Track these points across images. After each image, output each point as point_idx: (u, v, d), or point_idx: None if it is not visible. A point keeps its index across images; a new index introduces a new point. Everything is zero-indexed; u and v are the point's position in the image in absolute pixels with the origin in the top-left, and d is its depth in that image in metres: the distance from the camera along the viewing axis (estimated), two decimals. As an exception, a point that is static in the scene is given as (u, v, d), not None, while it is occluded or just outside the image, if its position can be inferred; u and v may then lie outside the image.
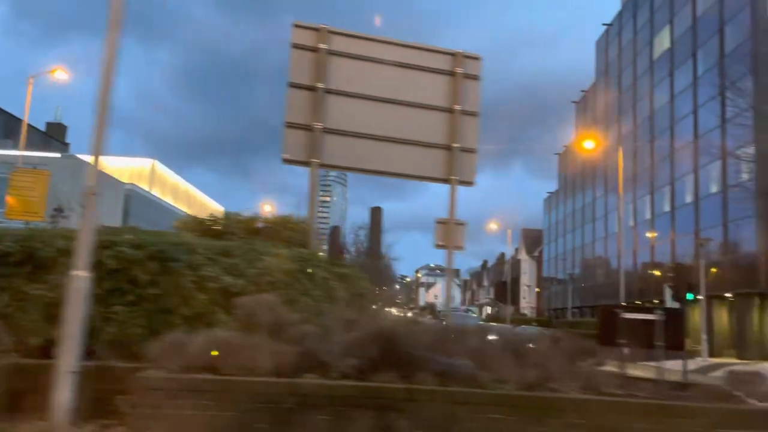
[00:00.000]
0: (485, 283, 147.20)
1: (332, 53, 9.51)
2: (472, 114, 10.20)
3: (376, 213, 19.70)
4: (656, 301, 33.65)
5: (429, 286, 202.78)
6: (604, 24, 59.24)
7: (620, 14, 55.56)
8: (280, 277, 7.03)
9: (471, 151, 10.10)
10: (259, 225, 8.60)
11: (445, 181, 9.92)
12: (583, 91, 66.34)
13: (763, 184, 30.31)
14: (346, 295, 8.11)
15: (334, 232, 26.50)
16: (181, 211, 63.05)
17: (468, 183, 10.12)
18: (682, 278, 26.82)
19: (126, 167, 60.76)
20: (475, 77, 10.33)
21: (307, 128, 9.22)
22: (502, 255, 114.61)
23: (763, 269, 31.07)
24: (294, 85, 9.33)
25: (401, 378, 5.35)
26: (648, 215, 46.34)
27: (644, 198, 47.27)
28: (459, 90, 10.08)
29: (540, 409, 5.12)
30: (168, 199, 66.74)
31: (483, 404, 5.11)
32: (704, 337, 29.92)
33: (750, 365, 28.29)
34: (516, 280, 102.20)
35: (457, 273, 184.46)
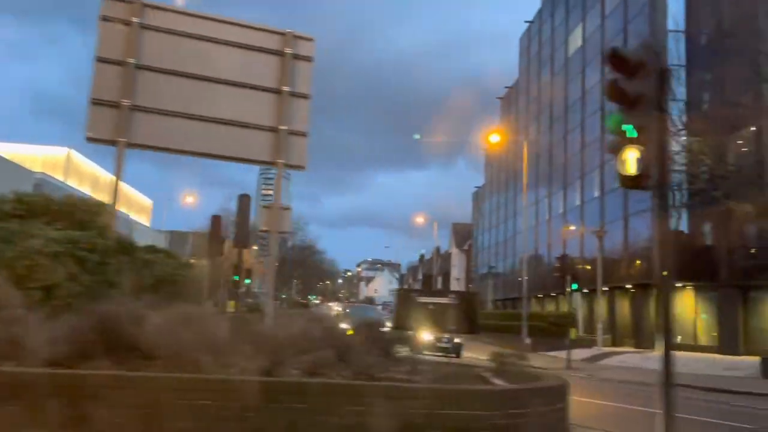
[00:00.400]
0: (419, 276, 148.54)
1: (146, 27, 9.03)
2: (303, 96, 9.90)
3: (243, 201, 19.20)
4: (553, 294, 34.67)
5: (369, 280, 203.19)
6: (526, 21, 60.39)
7: (540, 12, 56.73)
8: (42, 261, 6.57)
9: (301, 134, 9.81)
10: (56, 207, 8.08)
11: (272, 164, 9.61)
12: (507, 87, 67.51)
13: (660, 180, 31.42)
14: (149, 282, 7.73)
15: (215, 220, 25.78)
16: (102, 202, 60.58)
17: (299, 167, 9.84)
18: (567, 269, 27.50)
19: (38, 156, 57.94)
20: (307, 59, 10.03)
21: (114, 105, 8.71)
22: (437, 249, 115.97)
23: (655, 261, 32.23)
24: (102, 60, 8.80)
25: (118, 364, 5.02)
26: (561, 209, 47.55)
27: (559, 193, 48.49)
28: (288, 71, 9.78)
29: (250, 393, 4.89)
30: (86, 190, 64.16)
31: (194, 390, 4.84)
32: (599, 326, 30.84)
33: (642, 354, 29.33)
34: (447, 274, 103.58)
35: (397, 267, 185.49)
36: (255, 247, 74.23)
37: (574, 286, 28.65)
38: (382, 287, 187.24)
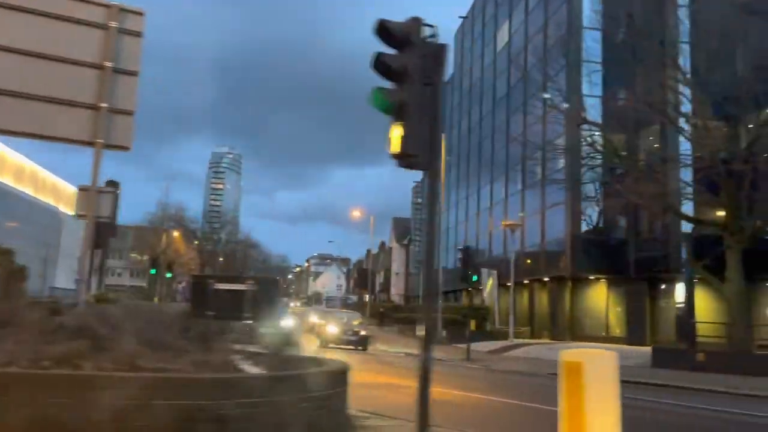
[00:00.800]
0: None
1: (-58, -7, 8.32)
2: (130, 73, 9.34)
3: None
4: (480, 288, 34.95)
5: (317, 275, 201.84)
6: (460, 17, 60.68)
7: (473, 7, 57.09)
8: None
9: (126, 112, 9.23)
10: None
11: (90, 144, 9.03)
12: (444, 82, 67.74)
13: (571, 175, 31.93)
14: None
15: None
16: (25, 193, 58.24)
17: (123, 147, 9.26)
18: (469, 261, 27.68)
19: (-48, 146, 55.09)
20: (136, 33, 9.45)
21: None
22: (382, 243, 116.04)
23: (569, 254, 32.89)
24: None
25: None
26: (488, 203, 48.01)
27: (486, 187, 48.94)
28: (114, 46, 9.21)
29: None
30: (7, 180, 61.44)
31: None
32: (511, 318, 31.20)
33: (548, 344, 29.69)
34: (389, 269, 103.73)
35: (347, 262, 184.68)
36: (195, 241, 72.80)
37: (474, 278, 28.82)
38: (330, 282, 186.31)
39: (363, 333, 25.28)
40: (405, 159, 5.76)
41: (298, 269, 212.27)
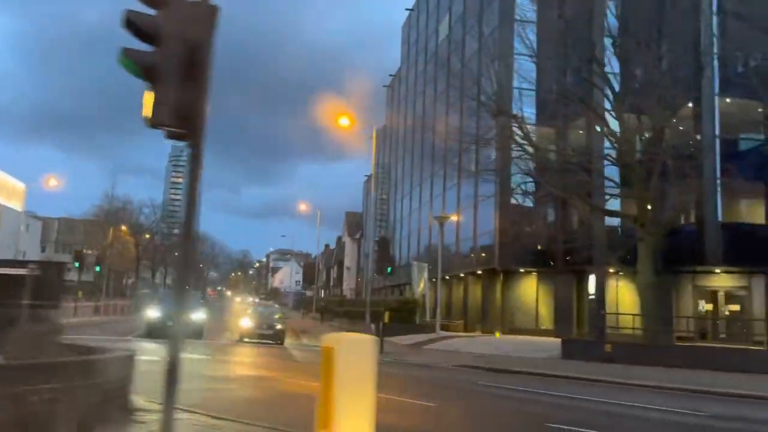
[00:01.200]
0: (320, 266, 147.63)
1: None
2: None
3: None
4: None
5: (276, 271, 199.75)
6: (406, 9, 60.30)
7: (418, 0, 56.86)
8: None
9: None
10: None
11: None
12: (391, 75, 67.45)
13: (501, 168, 31.90)
14: None
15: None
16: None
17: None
18: (384, 253, 27.43)
19: None
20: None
21: None
22: (339, 238, 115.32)
23: (498, 247, 32.92)
24: None
25: None
26: (428, 197, 47.88)
27: (428, 181, 48.80)
28: None
29: None
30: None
31: None
32: (437, 311, 31.10)
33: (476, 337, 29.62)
34: (342, 263, 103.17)
35: (307, 257, 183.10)
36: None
37: (389, 271, 28.58)
38: (287, 278, 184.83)
39: (279, 327, 24.82)
40: (153, 123, 5.24)
41: (257, 264, 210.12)
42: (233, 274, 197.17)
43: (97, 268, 47.84)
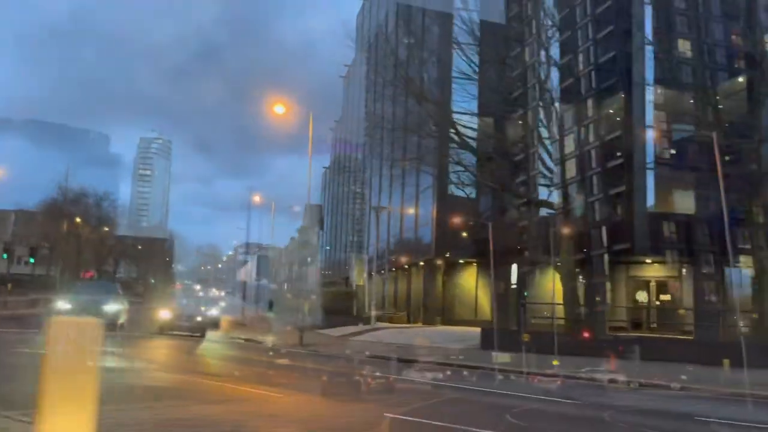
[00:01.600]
0: (283, 260, 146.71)
1: None
2: None
3: None
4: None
5: (242, 264, 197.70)
6: (360, -2, 59.62)
7: (371, -13, 56.26)
8: None
9: None
10: None
11: None
12: (346, 65, 66.69)
13: (439, 160, 31.64)
14: None
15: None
16: None
17: None
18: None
19: None
20: None
21: None
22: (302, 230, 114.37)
23: (435, 238, 32.71)
24: None
25: None
26: (377, 189, 47.51)
27: (377, 173, 48.39)
28: None
29: None
30: None
31: None
32: (372, 303, 30.84)
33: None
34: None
35: (276, 250, 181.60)
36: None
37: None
38: (253, 271, 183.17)
39: (199, 319, 24.24)
40: None
41: (225, 258, 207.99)
42: (202, 268, 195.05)
43: (31, 260, 46.47)
